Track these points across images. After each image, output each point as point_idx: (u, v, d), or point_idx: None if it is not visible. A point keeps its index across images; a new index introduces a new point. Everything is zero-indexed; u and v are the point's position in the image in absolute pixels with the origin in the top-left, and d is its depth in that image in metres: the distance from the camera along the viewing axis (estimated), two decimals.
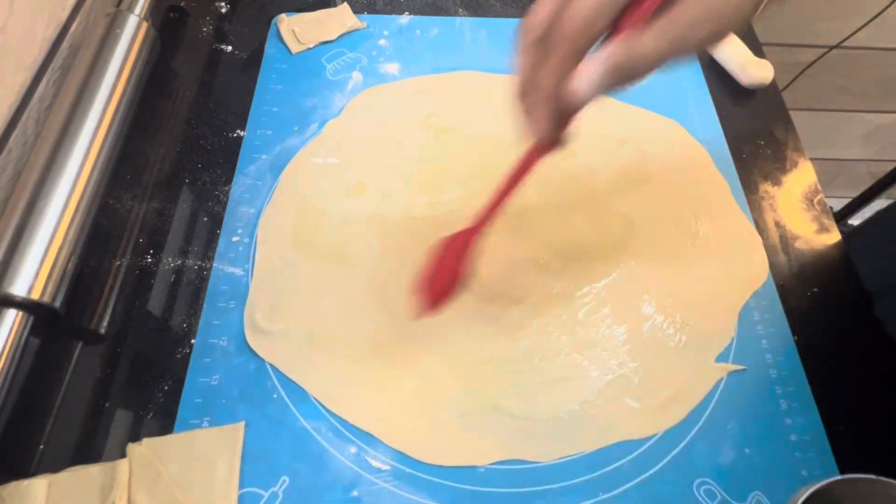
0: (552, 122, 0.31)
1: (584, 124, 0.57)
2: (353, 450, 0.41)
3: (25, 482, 0.37)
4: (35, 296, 0.41)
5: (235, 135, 0.55)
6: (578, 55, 0.29)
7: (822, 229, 0.53)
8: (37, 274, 0.42)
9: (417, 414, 0.42)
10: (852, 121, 1.31)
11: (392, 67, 0.61)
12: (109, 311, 0.46)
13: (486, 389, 0.43)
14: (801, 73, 1.13)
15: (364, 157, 0.54)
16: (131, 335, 0.45)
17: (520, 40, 0.31)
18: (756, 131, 0.59)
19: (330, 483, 0.39)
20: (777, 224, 0.53)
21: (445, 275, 0.40)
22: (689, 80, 0.61)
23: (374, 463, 0.40)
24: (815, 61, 1.13)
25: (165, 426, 0.41)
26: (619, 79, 0.29)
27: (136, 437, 0.40)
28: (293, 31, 0.62)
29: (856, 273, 0.50)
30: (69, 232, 0.44)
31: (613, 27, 0.29)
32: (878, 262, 0.49)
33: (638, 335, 0.46)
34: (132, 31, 0.54)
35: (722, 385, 0.44)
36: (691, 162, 0.55)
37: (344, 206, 0.51)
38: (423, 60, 0.61)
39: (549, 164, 0.54)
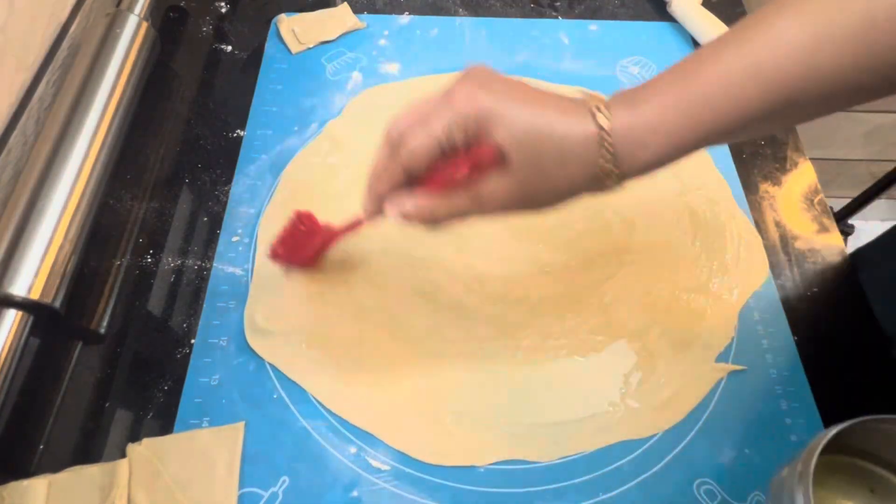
0: (371, 212, 0.37)
1: None
2: (353, 450, 0.41)
3: (25, 482, 0.37)
4: (35, 296, 0.41)
5: (235, 135, 0.55)
6: (403, 175, 0.34)
7: (822, 229, 0.53)
8: (37, 274, 0.42)
9: (417, 414, 0.42)
10: (852, 121, 1.31)
11: (392, 67, 0.61)
12: (109, 311, 0.46)
13: (486, 389, 0.43)
14: None
15: (364, 157, 0.54)
16: (131, 335, 0.45)
17: (385, 135, 0.35)
18: None
19: (330, 483, 0.39)
20: (777, 224, 0.53)
21: (296, 249, 0.45)
22: None
23: (374, 463, 0.40)
24: None
25: (165, 426, 0.41)
26: (419, 222, 0.34)
27: (136, 437, 0.40)
28: (293, 31, 0.62)
29: (855, 273, 0.50)
30: (69, 232, 0.44)
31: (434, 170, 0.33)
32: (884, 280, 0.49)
33: (638, 335, 0.46)
34: (132, 31, 0.54)
35: (722, 385, 0.44)
36: (691, 162, 0.55)
37: (344, 206, 0.51)
38: (423, 60, 0.61)
39: None
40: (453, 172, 0.32)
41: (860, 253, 0.53)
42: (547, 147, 0.30)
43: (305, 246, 0.45)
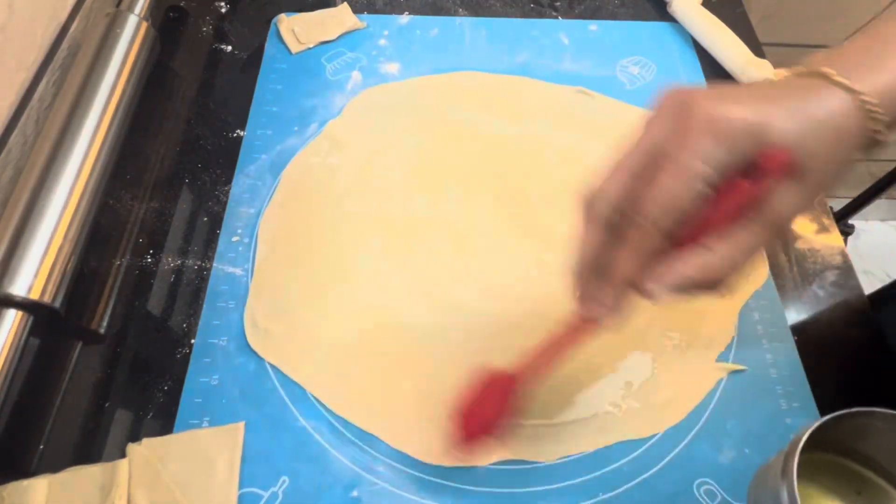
0: (615, 309, 0.30)
1: (585, 124, 0.57)
2: (353, 450, 0.41)
3: (25, 482, 0.37)
4: (35, 296, 0.41)
5: (235, 135, 0.55)
6: (661, 240, 0.28)
7: (822, 229, 0.53)
8: (37, 274, 0.42)
9: (417, 414, 0.42)
10: None
11: (392, 67, 0.61)
12: (109, 311, 0.46)
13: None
14: None
15: (364, 157, 0.54)
16: (131, 335, 0.45)
17: (587, 217, 0.29)
18: None
19: (330, 483, 0.39)
20: None
21: (484, 415, 0.37)
22: (689, 80, 0.61)
23: (374, 463, 0.40)
24: None
25: (165, 426, 0.41)
26: (705, 284, 0.28)
27: (136, 437, 0.40)
28: (293, 31, 0.62)
29: (855, 274, 0.50)
30: (69, 232, 0.44)
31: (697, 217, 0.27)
32: None
33: (638, 335, 0.46)
34: (132, 31, 0.54)
35: (722, 385, 0.44)
36: None
37: (344, 206, 0.51)
38: (423, 60, 0.61)
39: (550, 165, 0.54)
40: (737, 202, 0.27)
41: (880, 295, 0.51)
42: (822, 134, 0.26)
43: (487, 410, 0.37)
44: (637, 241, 0.28)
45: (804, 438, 0.29)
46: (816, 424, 0.29)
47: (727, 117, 0.26)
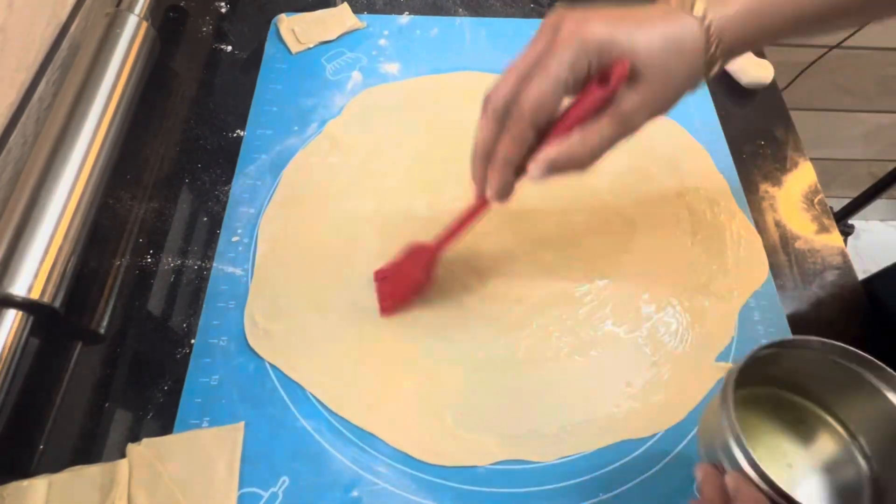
0: (499, 188, 0.36)
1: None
2: (353, 450, 0.40)
3: (25, 482, 0.37)
4: (35, 296, 0.41)
5: (235, 135, 0.55)
6: (532, 131, 0.34)
7: (822, 229, 0.53)
8: (37, 274, 0.42)
9: (417, 414, 0.42)
10: (852, 121, 1.31)
11: (392, 67, 0.61)
12: (109, 311, 0.46)
13: (486, 389, 0.43)
14: (801, 73, 1.13)
15: (364, 156, 0.54)
16: (131, 335, 0.45)
17: (483, 111, 0.35)
18: (756, 131, 0.59)
19: (330, 483, 0.39)
20: (777, 224, 0.53)
21: (406, 282, 0.45)
22: None
23: (374, 463, 0.40)
24: (815, 61, 1.12)
25: (165, 426, 0.41)
26: (569, 166, 0.34)
27: (136, 437, 0.40)
28: (293, 30, 0.62)
29: (855, 274, 0.50)
30: (69, 232, 0.44)
31: (561, 115, 0.34)
32: None
33: (638, 335, 0.46)
34: (132, 31, 0.54)
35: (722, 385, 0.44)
36: (691, 162, 0.55)
37: (344, 205, 0.51)
38: (423, 60, 0.61)
39: None
40: (591, 102, 0.33)
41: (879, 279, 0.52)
42: (669, 50, 0.33)
43: (409, 277, 0.45)
44: (515, 131, 0.34)
45: (741, 365, 0.31)
46: (752, 353, 0.31)
47: (585, 32, 0.32)
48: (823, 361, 0.33)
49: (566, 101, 0.34)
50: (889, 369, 0.32)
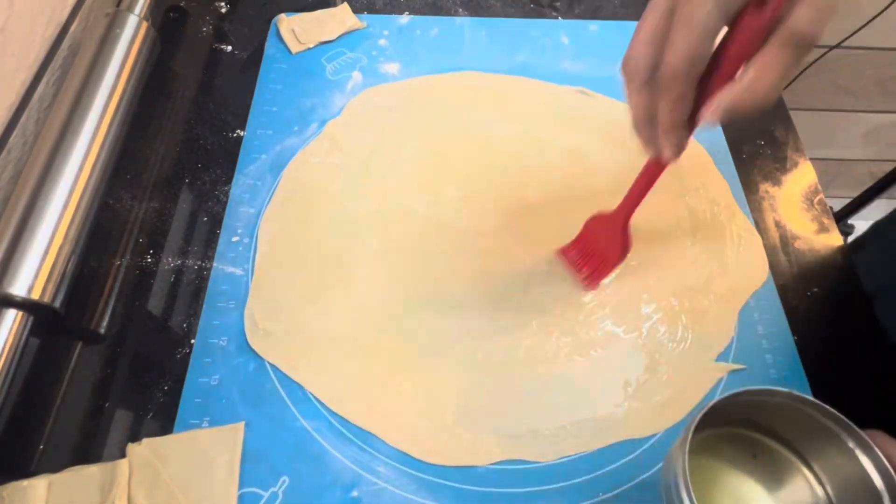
0: (674, 149, 0.34)
1: (586, 124, 0.57)
2: (353, 450, 0.41)
3: (25, 482, 0.37)
4: (35, 296, 0.41)
5: (235, 135, 0.55)
6: (692, 89, 0.31)
7: (822, 229, 0.53)
8: (37, 274, 0.42)
9: (417, 414, 0.42)
10: (852, 121, 1.31)
11: (392, 67, 0.61)
12: (109, 311, 0.46)
13: (486, 389, 0.43)
14: (802, 73, 1.13)
15: (364, 156, 0.54)
16: (131, 335, 0.45)
17: (627, 83, 0.33)
18: (756, 131, 0.59)
19: (330, 483, 0.39)
20: (777, 224, 0.53)
21: (605, 253, 0.46)
22: None
23: (374, 463, 0.40)
24: (815, 61, 1.13)
25: (165, 426, 0.41)
26: (749, 107, 0.30)
27: (136, 437, 0.40)
28: (293, 30, 0.62)
29: (856, 273, 0.50)
30: (69, 232, 0.44)
31: (714, 59, 0.30)
32: (877, 263, 0.50)
33: (638, 335, 0.46)
34: (132, 31, 0.54)
35: (722, 385, 0.44)
36: (691, 162, 0.55)
37: (344, 205, 0.51)
38: (423, 60, 0.61)
39: (550, 165, 0.55)
40: (754, 31, 0.29)
41: (859, 241, 0.53)
42: None
43: (607, 248, 0.46)
44: (674, 93, 0.30)
45: (697, 420, 0.31)
46: (710, 405, 0.31)
47: None
48: (792, 409, 0.33)
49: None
50: (854, 426, 0.32)
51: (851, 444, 0.32)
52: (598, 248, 0.46)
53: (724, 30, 0.30)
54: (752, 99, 0.30)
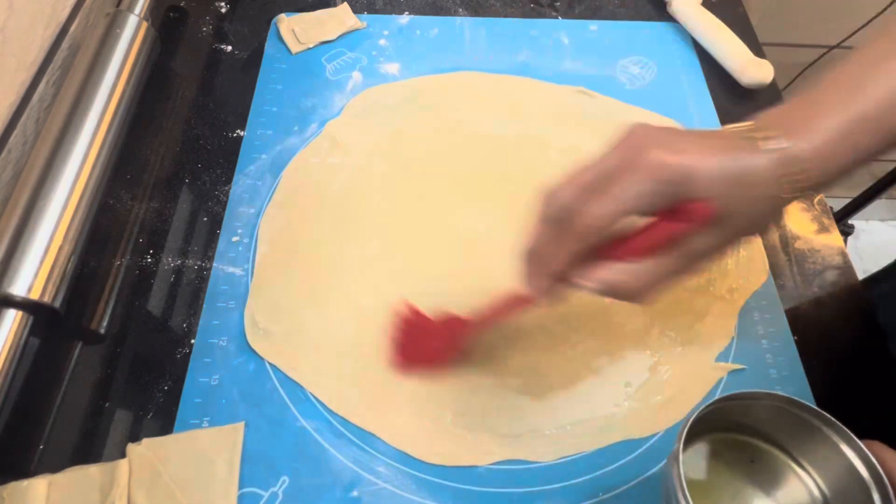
0: (547, 291, 0.35)
1: (586, 124, 0.57)
2: (353, 450, 0.40)
3: (25, 482, 0.37)
4: (35, 296, 0.41)
5: (235, 135, 0.55)
6: (588, 248, 0.32)
7: (822, 229, 0.53)
8: (37, 274, 0.42)
9: (417, 414, 0.42)
10: None
11: (392, 67, 0.61)
12: (109, 311, 0.46)
13: (486, 389, 0.43)
14: (801, 73, 1.13)
15: (364, 157, 0.54)
16: (131, 335, 0.45)
17: (542, 209, 0.33)
18: None
19: (330, 483, 0.39)
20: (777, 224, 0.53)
21: (429, 349, 0.42)
22: (689, 80, 0.61)
23: (374, 463, 0.40)
24: (815, 61, 1.12)
25: (165, 426, 0.41)
26: (621, 293, 0.32)
27: (136, 437, 0.40)
28: (293, 31, 0.62)
29: (855, 274, 0.50)
30: (69, 232, 0.44)
31: (623, 239, 0.32)
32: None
33: (638, 335, 0.46)
34: (132, 31, 0.54)
35: (722, 385, 0.44)
36: None
37: (344, 205, 0.51)
38: (423, 60, 0.61)
39: (550, 164, 0.55)
40: (662, 236, 0.31)
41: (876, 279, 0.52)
42: (747, 191, 0.30)
43: (432, 343, 0.42)
44: (570, 243, 0.32)
45: (685, 431, 0.31)
46: (695, 416, 0.31)
47: (665, 166, 0.30)
48: (779, 411, 0.33)
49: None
50: (834, 420, 0.32)
51: (835, 439, 0.32)
52: (429, 344, 0.42)
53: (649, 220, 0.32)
54: (627, 286, 0.32)
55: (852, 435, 0.31)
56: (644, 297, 0.32)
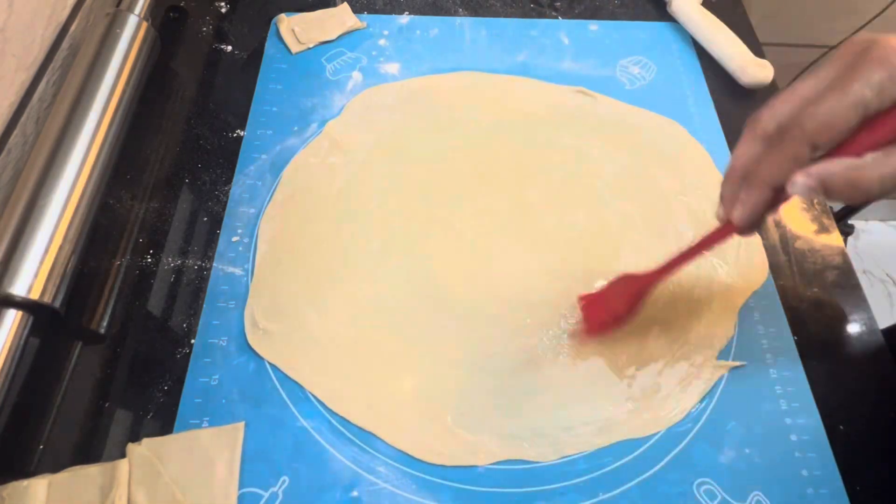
0: (760, 212, 0.32)
1: (586, 124, 0.57)
2: (353, 450, 0.41)
3: (25, 482, 0.37)
4: (35, 296, 0.41)
5: (235, 135, 0.55)
6: (809, 152, 0.29)
7: (822, 229, 0.53)
8: (37, 274, 0.42)
9: (417, 414, 0.42)
10: None
11: (392, 67, 0.61)
12: (109, 311, 0.46)
13: (486, 389, 0.43)
14: (801, 73, 1.13)
15: (364, 156, 0.54)
16: (131, 335, 0.45)
17: (748, 130, 0.32)
18: None
19: (330, 483, 0.39)
20: (777, 224, 0.53)
21: (608, 310, 0.44)
22: (689, 80, 0.61)
23: (374, 463, 0.40)
24: (814, 61, 1.13)
25: (165, 426, 0.41)
26: (847, 188, 0.29)
27: (136, 437, 0.40)
28: (293, 30, 0.62)
29: (855, 274, 0.50)
30: (69, 232, 0.44)
31: (849, 138, 0.29)
32: None
33: (638, 335, 0.46)
34: (132, 31, 0.54)
35: (722, 385, 0.44)
36: (691, 162, 0.55)
37: (344, 205, 0.51)
38: (423, 60, 0.61)
39: (550, 164, 0.55)
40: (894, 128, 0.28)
41: None
42: None
43: (611, 306, 0.44)
44: (788, 150, 0.30)
45: None
46: None
47: None
48: None
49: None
50: None
51: None
52: (608, 305, 0.44)
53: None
54: (856, 179, 0.29)
55: None
56: (870, 195, 0.29)
